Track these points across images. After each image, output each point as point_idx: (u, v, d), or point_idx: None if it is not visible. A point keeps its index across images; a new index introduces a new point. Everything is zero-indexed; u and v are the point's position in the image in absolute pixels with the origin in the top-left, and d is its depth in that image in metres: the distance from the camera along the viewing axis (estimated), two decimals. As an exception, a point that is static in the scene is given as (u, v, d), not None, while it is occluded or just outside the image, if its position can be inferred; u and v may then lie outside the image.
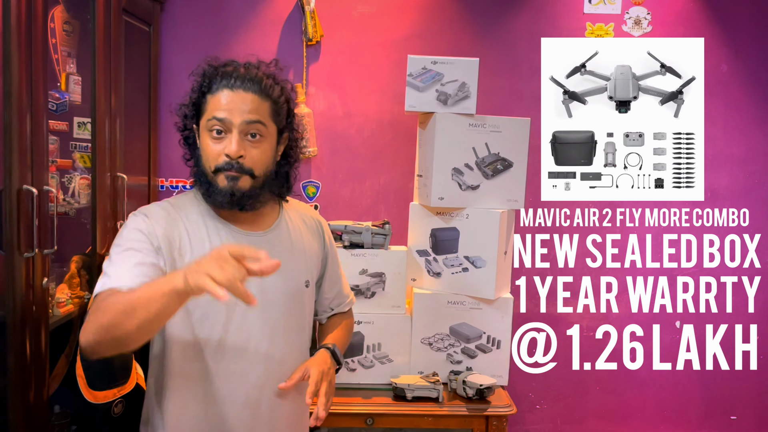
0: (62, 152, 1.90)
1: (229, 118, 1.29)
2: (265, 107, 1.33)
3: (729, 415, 2.63)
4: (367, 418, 1.96)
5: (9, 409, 1.48)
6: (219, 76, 1.34)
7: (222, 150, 1.30)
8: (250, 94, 1.31)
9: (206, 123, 1.32)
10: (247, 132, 1.31)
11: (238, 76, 1.32)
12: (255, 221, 1.41)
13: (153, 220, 1.32)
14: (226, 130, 1.30)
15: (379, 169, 2.56)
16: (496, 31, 2.56)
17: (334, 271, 1.60)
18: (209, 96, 1.33)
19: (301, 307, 1.45)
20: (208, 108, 1.32)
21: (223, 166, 1.30)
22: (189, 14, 2.50)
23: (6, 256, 1.46)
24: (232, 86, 1.31)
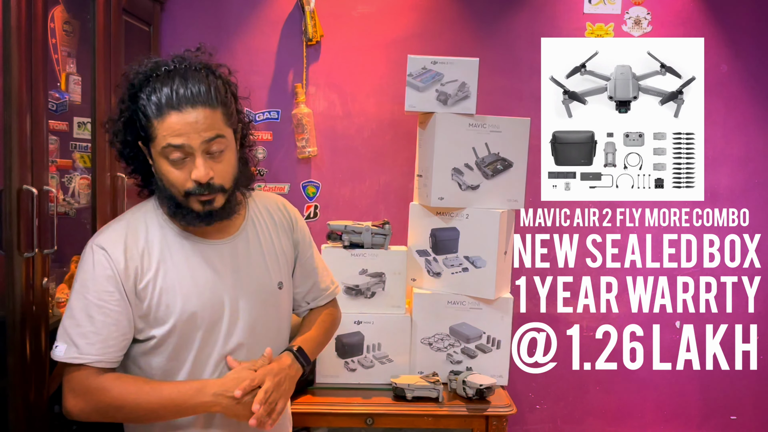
0: (62, 152, 1.89)
1: (187, 143, 1.21)
2: (217, 116, 1.24)
3: (729, 415, 2.63)
4: (367, 418, 1.96)
5: (9, 409, 1.47)
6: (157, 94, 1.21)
7: (187, 176, 1.23)
8: (200, 108, 1.21)
9: (161, 150, 1.22)
10: (209, 150, 1.23)
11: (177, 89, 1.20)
12: (221, 228, 1.35)
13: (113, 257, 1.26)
14: (186, 155, 1.22)
15: (379, 169, 2.56)
16: (496, 31, 2.56)
17: (308, 265, 1.52)
18: (155, 121, 1.21)
19: (275, 310, 1.42)
20: (159, 134, 1.21)
21: (193, 191, 1.24)
22: (189, 14, 2.50)
23: (6, 256, 1.46)
24: (179, 108, 1.20)
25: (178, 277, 1.29)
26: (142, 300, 1.28)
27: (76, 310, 1.26)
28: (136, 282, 1.27)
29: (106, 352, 1.25)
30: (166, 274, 1.29)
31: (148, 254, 1.29)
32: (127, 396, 1.24)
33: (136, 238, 1.30)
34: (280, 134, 2.52)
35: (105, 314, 1.24)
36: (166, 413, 1.26)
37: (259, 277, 1.38)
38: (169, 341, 1.30)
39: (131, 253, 1.28)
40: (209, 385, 1.27)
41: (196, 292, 1.30)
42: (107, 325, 1.25)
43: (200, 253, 1.32)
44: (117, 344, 1.26)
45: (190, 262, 1.31)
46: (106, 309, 1.25)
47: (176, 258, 1.30)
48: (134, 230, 1.31)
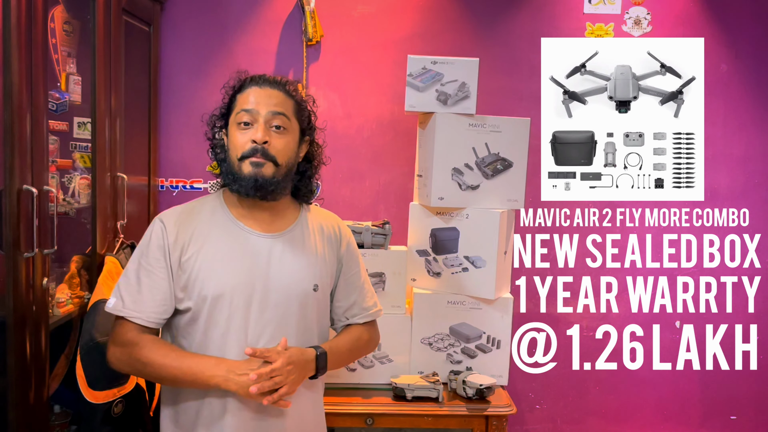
0: (62, 152, 1.90)
1: (255, 108, 1.39)
2: (289, 104, 1.44)
3: (729, 415, 2.63)
4: (367, 418, 1.96)
5: (9, 409, 1.48)
6: (248, 79, 1.45)
7: (248, 138, 1.39)
8: (276, 90, 1.43)
9: (235, 117, 1.42)
10: (272, 123, 1.40)
11: (265, 78, 1.45)
12: (272, 223, 1.46)
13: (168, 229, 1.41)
14: (252, 121, 1.39)
15: (379, 169, 2.56)
16: (496, 31, 2.56)
17: (351, 281, 1.57)
18: (238, 96, 1.43)
19: (306, 310, 1.45)
20: (237, 104, 1.42)
21: (248, 152, 1.38)
22: (189, 14, 2.50)
23: (6, 256, 1.46)
24: (259, 84, 1.43)
25: (218, 257, 1.40)
26: (184, 271, 1.39)
27: (130, 270, 1.41)
28: (181, 254, 1.40)
29: (145, 310, 1.38)
30: (208, 252, 1.40)
31: (199, 232, 1.42)
32: (155, 356, 1.35)
33: (191, 217, 1.44)
34: (280, 134, 2.52)
35: (151, 278, 1.39)
36: (184, 380, 1.35)
37: (296, 275, 1.44)
38: (201, 315, 1.39)
39: (184, 228, 1.42)
40: (225, 363, 1.34)
41: (229, 274, 1.39)
42: (151, 288, 1.38)
43: (245, 240, 1.42)
44: (156, 307, 1.38)
45: (233, 246, 1.41)
46: (152, 274, 1.39)
47: (221, 240, 1.41)
48: (193, 211, 1.46)
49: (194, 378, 1.33)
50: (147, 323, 1.38)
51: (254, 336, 1.39)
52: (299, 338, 1.44)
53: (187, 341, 1.40)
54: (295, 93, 1.47)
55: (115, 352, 1.39)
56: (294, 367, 1.36)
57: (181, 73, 2.50)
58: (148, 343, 1.37)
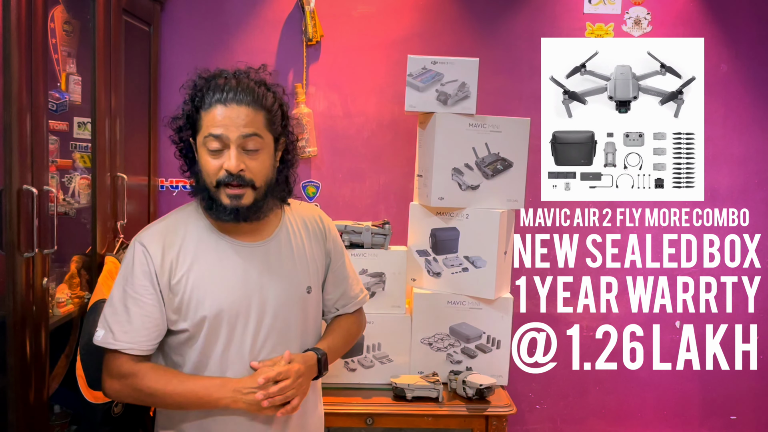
0: (62, 152, 1.90)
1: (225, 134, 1.30)
2: (259, 118, 1.33)
3: (729, 415, 2.63)
4: (367, 418, 1.96)
5: (9, 409, 1.48)
6: (210, 90, 1.33)
7: (221, 165, 1.31)
8: (244, 107, 1.31)
9: (203, 140, 1.33)
10: (245, 146, 1.32)
11: (229, 89, 1.32)
12: (256, 231, 1.42)
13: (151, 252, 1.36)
14: (223, 146, 1.31)
15: (379, 169, 2.56)
16: (496, 31, 2.56)
17: (339, 273, 1.57)
18: (203, 112, 1.33)
19: (303, 314, 1.45)
20: (203, 125, 1.33)
21: (223, 180, 1.32)
22: (189, 14, 2.50)
23: (6, 256, 1.46)
24: (224, 101, 1.31)
25: (209, 274, 1.36)
26: (175, 294, 1.35)
27: (116, 299, 1.36)
28: (170, 276, 1.35)
29: (138, 340, 1.34)
30: (198, 271, 1.36)
31: (184, 251, 1.37)
32: (158, 385, 1.32)
33: (174, 236, 1.38)
34: (280, 134, 2.52)
35: (140, 306, 1.34)
36: (189, 404, 1.34)
37: (289, 281, 1.42)
38: (199, 335, 1.36)
39: (168, 249, 1.36)
40: (230, 383, 1.33)
41: (225, 290, 1.36)
42: (141, 317, 1.34)
43: (233, 253, 1.39)
44: (149, 334, 1.35)
45: (223, 261, 1.38)
46: (140, 302, 1.34)
47: (210, 256, 1.37)
48: (174, 228, 1.40)
49: (200, 402, 1.32)
50: (142, 352, 1.35)
51: (256, 349, 1.38)
52: (300, 341, 1.45)
53: (182, 359, 1.38)
54: (265, 99, 1.35)
55: (113, 385, 1.36)
56: (303, 378, 1.37)
57: (181, 73, 2.49)
58: (148, 371, 1.34)
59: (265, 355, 1.38)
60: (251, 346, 1.37)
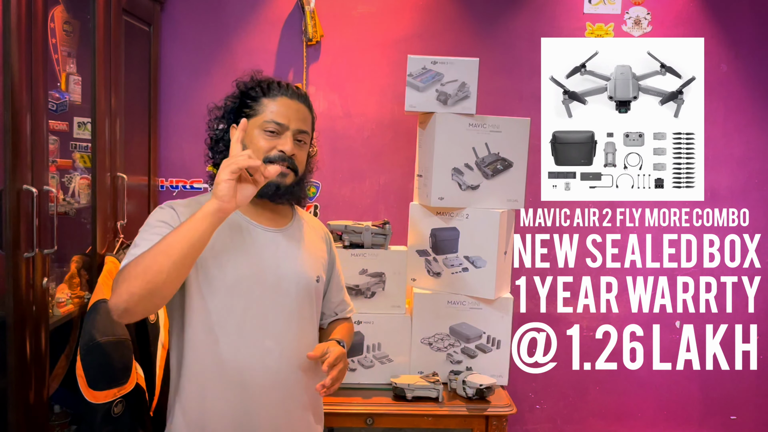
0: (62, 152, 1.90)
1: (287, 123, 1.45)
2: (309, 119, 1.52)
3: (729, 415, 2.63)
4: (367, 418, 1.96)
5: (9, 409, 1.48)
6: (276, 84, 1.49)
7: (274, 146, 1.43)
8: (303, 106, 1.49)
9: (262, 123, 1.44)
10: (297, 138, 1.46)
11: (293, 89, 1.49)
12: (273, 219, 1.50)
13: (177, 212, 1.40)
14: (280, 132, 1.44)
15: (379, 169, 2.56)
16: (496, 31, 2.56)
17: (337, 281, 1.68)
18: (266, 99, 1.46)
19: (311, 299, 1.51)
20: (266, 111, 1.45)
21: (275, 158, 1.42)
22: (189, 14, 2.50)
23: (6, 256, 1.46)
24: (290, 95, 1.47)
25: (231, 247, 1.41)
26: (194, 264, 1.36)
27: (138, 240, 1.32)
28: None
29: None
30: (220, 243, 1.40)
31: None
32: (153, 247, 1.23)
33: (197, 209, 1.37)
34: (280, 134, 2.53)
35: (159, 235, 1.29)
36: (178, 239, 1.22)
37: (302, 266, 1.49)
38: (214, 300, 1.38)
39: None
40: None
41: (245, 264, 1.41)
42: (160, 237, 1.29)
43: (252, 233, 1.45)
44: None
45: (244, 239, 1.44)
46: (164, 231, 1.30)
47: (232, 233, 1.43)
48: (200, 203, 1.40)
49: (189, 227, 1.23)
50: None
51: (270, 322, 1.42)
52: (309, 326, 1.51)
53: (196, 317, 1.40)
54: (312, 107, 1.54)
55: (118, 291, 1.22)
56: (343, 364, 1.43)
57: (181, 73, 2.50)
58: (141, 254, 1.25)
59: (279, 330, 1.42)
60: (265, 319, 1.41)
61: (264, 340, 1.41)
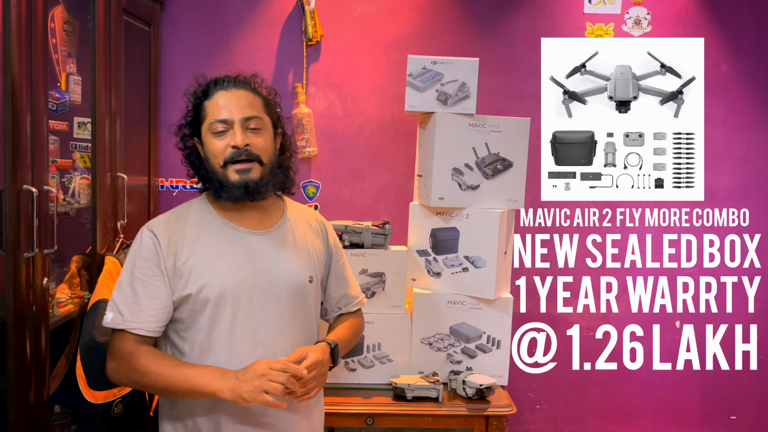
0: (62, 152, 1.90)
1: (229, 117, 1.39)
2: (258, 102, 1.44)
3: (729, 415, 2.63)
4: (367, 418, 1.96)
5: (9, 409, 1.48)
6: (212, 83, 1.44)
7: (227, 144, 1.39)
8: (243, 90, 1.43)
9: (209, 127, 1.41)
10: (247, 126, 1.40)
11: (228, 79, 1.44)
12: (260, 220, 1.47)
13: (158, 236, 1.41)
14: (227, 128, 1.40)
15: (379, 169, 2.56)
16: (496, 31, 2.56)
17: (340, 273, 1.63)
18: (206, 102, 1.42)
19: (305, 301, 1.49)
20: (208, 113, 1.41)
21: (231, 157, 1.38)
22: (189, 14, 2.50)
23: (6, 256, 1.46)
24: (225, 87, 1.43)
25: (215, 257, 1.40)
26: (181, 276, 1.39)
27: (124, 283, 1.40)
28: (176, 259, 1.39)
29: (144, 320, 1.37)
30: (204, 254, 1.40)
31: (191, 236, 1.42)
32: (152, 366, 1.34)
33: (181, 223, 1.44)
34: (280, 134, 2.52)
35: (147, 288, 1.37)
36: (180, 389, 1.33)
37: (292, 268, 1.46)
38: (202, 317, 1.39)
39: (175, 234, 1.41)
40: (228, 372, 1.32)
41: (230, 273, 1.40)
42: (148, 297, 1.37)
43: (239, 240, 1.43)
44: (156, 315, 1.37)
45: (228, 246, 1.42)
46: (148, 283, 1.38)
47: (215, 241, 1.42)
48: (180, 216, 1.46)
49: (192, 387, 1.31)
50: (147, 333, 1.37)
51: (261, 332, 1.40)
52: (302, 329, 1.48)
53: (188, 344, 1.40)
54: (261, 89, 1.47)
55: (113, 366, 1.38)
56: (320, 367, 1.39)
57: (181, 73, 2.50)
58: (146, 352, 1.36)
59: (271, 337, 1.41)
60: (255, 328, 1.40)
61: (255, 348, 1.39)
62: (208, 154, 1.42)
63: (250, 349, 1.38)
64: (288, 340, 1.43)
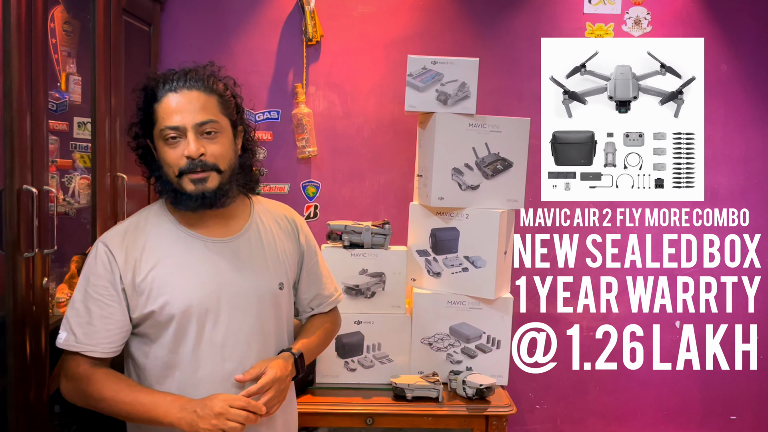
0: (62, 152, 1.89)
1: (181, 124, 1.29)
2: (212, 102, 1.33)
3: (729, 415, 2.63)
4: (367, 418, 1.96)
5: (9, 409, 1.47)
6: (160, 83, 1.33)
7: (181, 153, 1.29)
8: (195, 91, 1.31)
9: (160, 133, 1.32)
10: (202, 132, 1.31)
11: (178, 78, 1.32)
12: (224, 226, 1.39)
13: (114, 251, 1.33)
14: (180, 135, 1.30)
15: (379, 169, 2.56)
16: (496, 31, 2.56)
17: (313, 272, 1.56)
18: (156, 105, 1.32)
19: (276, 310, 1.43)
20: (158, 117, 1.31)
21: (186, 168, 1.30)
22: (189, 14, 2.50)
23: (6, 256, 1.46)
24: (175, 89, 1.31)
25: (177, 271, 1.33)
26: (141, 293, 1.32)
27: (77, 301, 1.32)
28: (134, 275, 1.32)
29: (99, 342, 1.30)
30: (165, 267, 1.32)
31: (149, 249, 1.34)
32: (107, 392, 1.28)
33: (138, 234, 1.35)
34: (280, 134, 2.52)
35: (101, 308, 1.30)
36: (134, 415, 1.28)
37: (260, 277, 1.40)
38: (167, 333, 1.32)
39: (132, 247, 1.33)
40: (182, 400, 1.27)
41: (194, 286, 1.32)
42: (102, 318, 1.30)
43: (202, 249, 1.36)
44: (111, 337, 1.31)
45: (191, 257, 1.34)
46: (101, 303, 1.31)
47: (177, 253, 1.34)
48: (138, 227, 1.37)
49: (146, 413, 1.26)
50: (102, 355, 1.31)
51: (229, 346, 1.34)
52: (274, 338, 1.43)
53: (150, 361, 1.34)
54: (216, 85, 1.35)
55: (68, 387, 1.33)
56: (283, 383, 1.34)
57: (181, 73, 2.50)
58: (101, 377, 1.30)
59: (240, 352, 1.35)
60: (223, 342, 1.33)
61: (223, 364, 1.33)
62: (161, 162, 1.33)
63: (218, 365, 1.33)
64: (258, 352, 1.37)
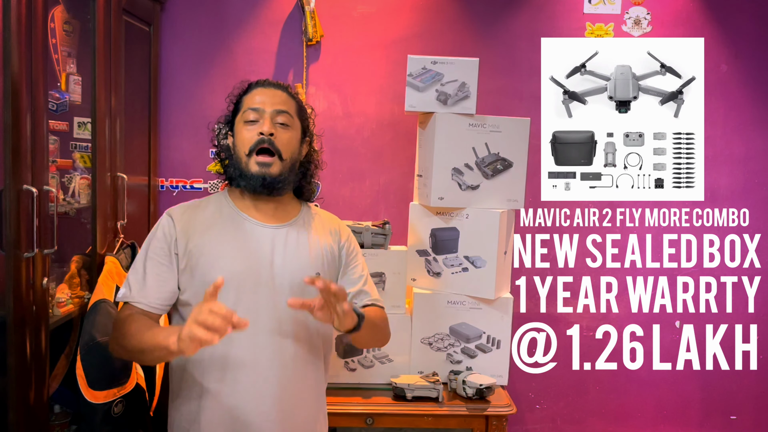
0: (62, 152, 1.89)
1: (261, 106, 1.49)
2: (292, 104, 1.54)
3: (729, 415, 2.63)
4: (367, 417, 1.96)
5: (9, 409, 1.48)
6: (254, 82, 1.56)
7: (255, 132, 1.47)
8: (279, 90, 1.53)
9: (241, 116, 1.51)
10: (277, 120, 1.49)
11: (268, 81, 1.56)
12: (275, 215, 1.52)
13: (175, 220, 1.50)
14: (258, 118, 1.48)
15: (379, 169, 2.56)
16: (496, 31, 2.56)
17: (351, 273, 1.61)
18: (244, 97, 1.53)
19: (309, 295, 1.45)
20: (244, 105, 1.52)
21: (255, 145, 1.46)
22: (189, 14, 2.50)
23: (6, 256, 1.46)
24: (264, 85, 1.54)
25: (224, 242, 1.47)
26: (190, 258, 1.46)
27: (138, 261, 1.49)
28: (188, 242, 1.47)
29: (148, 296, 1.45)
30: (214, 238, 1.47)
31: (204, 222, 1.50)
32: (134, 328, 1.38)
33: (198, 211, 1.53)
34: (280, 134, 2.52)
35: (155, 266, 1.46)
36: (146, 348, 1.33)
37: (300, 263, 1.50)
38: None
39: (191, 219, 1.50)
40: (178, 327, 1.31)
41: (235, 261, 1.44)
42: (155, 276, 1.46)
43: (249, 230, 1.49)
44: (159, 293, 1.45)
45: (238, 234, 1.49)
46: (157, 262, 1.46)
47: (227, 229, 1.49)
48: (200, 206, 1.55)
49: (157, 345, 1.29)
50: (148, 308, 1.44)
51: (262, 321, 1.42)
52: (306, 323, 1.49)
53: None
54: (297, 95, 1.57)
55: (113, 335, 1.44)
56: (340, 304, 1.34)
57: (181, 73, 2.50)
58: (137, 318, 1.40)
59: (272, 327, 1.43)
60: (257, 317, 1.40)
61: (256, 336, 1.42)
62: (236, 142, 1.50)
63: (251, 337, 1.40)
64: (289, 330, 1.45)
